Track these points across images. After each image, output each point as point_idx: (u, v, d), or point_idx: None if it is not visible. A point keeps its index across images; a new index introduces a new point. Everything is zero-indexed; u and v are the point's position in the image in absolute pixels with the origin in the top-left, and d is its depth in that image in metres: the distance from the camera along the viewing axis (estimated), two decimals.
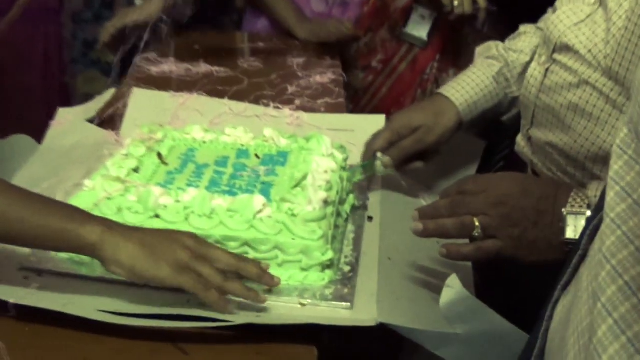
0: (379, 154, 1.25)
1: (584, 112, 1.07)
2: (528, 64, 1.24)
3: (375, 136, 1.28)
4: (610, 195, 0.55)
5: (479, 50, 1.40)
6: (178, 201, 1.06)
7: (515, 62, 1.30)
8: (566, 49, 1.10)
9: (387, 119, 1.52)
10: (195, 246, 0.93)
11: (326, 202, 1.08)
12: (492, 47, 1.36)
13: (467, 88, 1.30)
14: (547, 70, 1.14)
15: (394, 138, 1.26)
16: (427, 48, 1.98)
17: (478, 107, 1.30)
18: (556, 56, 1.13)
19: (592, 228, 0.65)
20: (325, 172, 1.16)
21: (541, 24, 1.30)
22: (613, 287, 0.54)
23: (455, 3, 1.81)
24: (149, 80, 1.73)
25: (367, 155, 1.27)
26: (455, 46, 1.98)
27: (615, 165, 0.55)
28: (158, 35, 2.03)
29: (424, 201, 1.30)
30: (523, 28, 1.34)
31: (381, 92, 2.05)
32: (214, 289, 0.91)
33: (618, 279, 0.53)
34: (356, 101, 2.02)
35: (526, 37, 1.31)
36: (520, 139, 1.25)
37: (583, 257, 0.67)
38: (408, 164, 1.29)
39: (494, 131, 1.50)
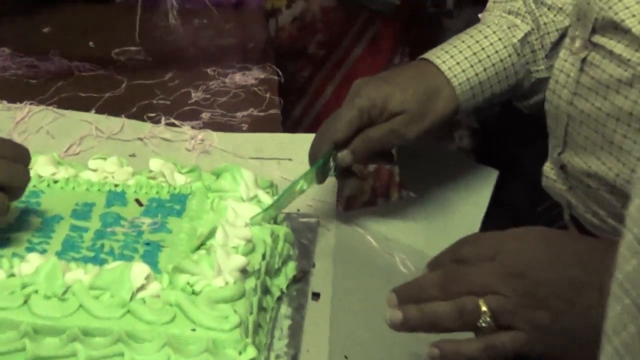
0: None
1: None
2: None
3: (334, 119, 1.27)
4: (623, 245, 0.58)
5: None
6: (12, 275, 1.07)
7: (549, 25, 1.31)
8: (612, 27, 1.14)
9: None
10: None
11: (245, 272, 1.10)
12: None
13: (473, 59, 1.29)
14: (583, 61, 1.19)
15: (362, 122, 1.26)
16: (393, 18, 1.98)
17: (484, 90, 1.30)
18: (597, 39, 1.17)
19: None
20: (245, 225, 1.19)
21: None
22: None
23: None
24: None
25: (322, 149, 1.27)
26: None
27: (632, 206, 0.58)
28: None
29: (402, 267, 1.32)
30: None
31: (325, 94, 2.06)
32: None
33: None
34: (287, 109, 1.99)
35: None
36: (548, 168, 1.29)
37: None
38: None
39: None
